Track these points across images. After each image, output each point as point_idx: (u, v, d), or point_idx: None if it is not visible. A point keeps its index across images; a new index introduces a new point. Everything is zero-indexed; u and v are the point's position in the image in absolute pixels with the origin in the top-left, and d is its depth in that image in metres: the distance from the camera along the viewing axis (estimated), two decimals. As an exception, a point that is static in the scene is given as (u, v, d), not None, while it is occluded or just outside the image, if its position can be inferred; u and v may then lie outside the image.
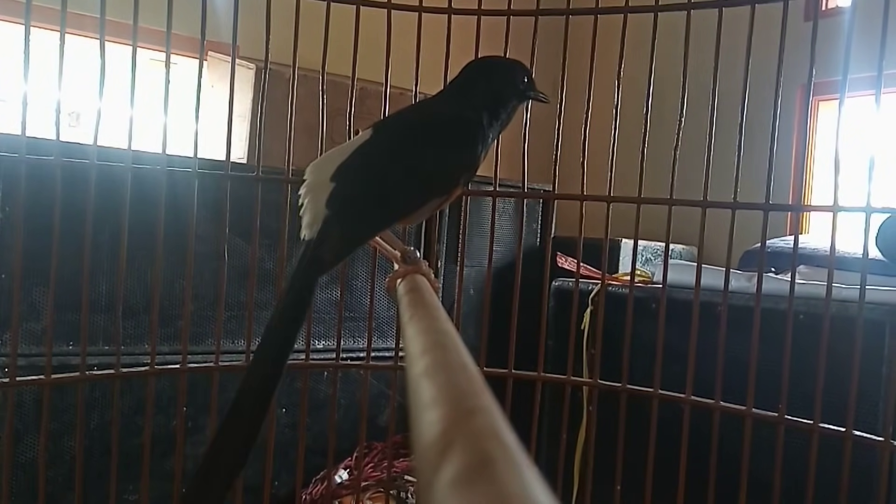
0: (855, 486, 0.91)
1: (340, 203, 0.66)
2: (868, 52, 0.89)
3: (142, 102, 1.05)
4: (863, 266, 0.90)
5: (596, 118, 1.06)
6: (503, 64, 0.82)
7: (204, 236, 1.15)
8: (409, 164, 0.71)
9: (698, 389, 1.01)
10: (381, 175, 0.69)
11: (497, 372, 1.08)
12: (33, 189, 0.94)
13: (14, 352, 0.95)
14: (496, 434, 0.25)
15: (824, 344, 0.91)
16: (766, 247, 1.02)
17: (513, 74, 0.80)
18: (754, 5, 0.98)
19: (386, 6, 1.09)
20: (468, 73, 0.80)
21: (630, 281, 1.09)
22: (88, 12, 1.00)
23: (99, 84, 0.95)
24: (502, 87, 0.78)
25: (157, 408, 1.06)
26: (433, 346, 0.38)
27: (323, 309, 1.86)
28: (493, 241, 1.11)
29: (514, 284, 1.10)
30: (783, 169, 2.73)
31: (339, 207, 0.66)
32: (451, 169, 0.72)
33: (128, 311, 1.64)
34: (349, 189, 0.68)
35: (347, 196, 0.67)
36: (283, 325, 0.61)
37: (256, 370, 0.61)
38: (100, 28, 0.93)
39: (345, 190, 0.67)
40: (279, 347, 0.61)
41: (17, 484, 1.50)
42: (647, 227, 1.11)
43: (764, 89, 0.98)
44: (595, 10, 1.09)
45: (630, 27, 1.05)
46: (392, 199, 0.69)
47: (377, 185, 0.69)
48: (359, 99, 1.17)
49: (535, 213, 2.39)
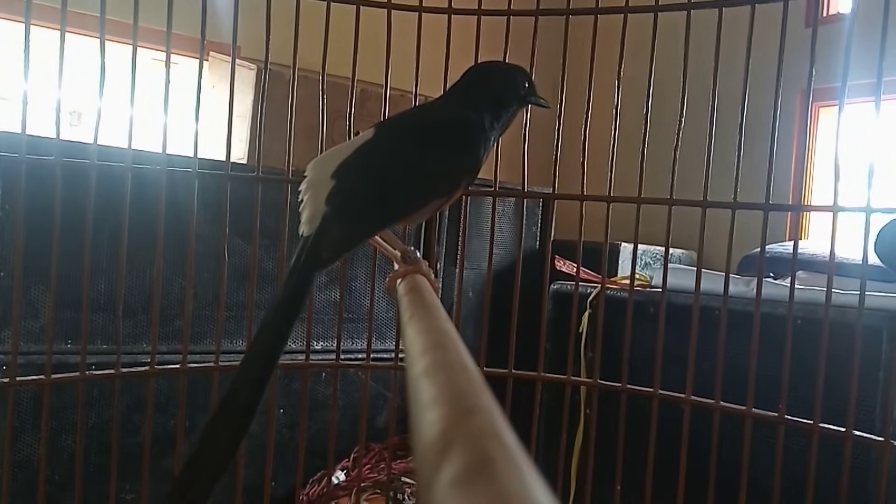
0: (854, 486, 0.91)
1: (340, 200, 0.67)
2: (868, 58, 0.89)
3: (143, 102, 1.05)
4: (862, 269, 0.90)
5: (596, 118, 1.06)
6: (504, 69, 0.83)
7: (204, 236, 1.15)
8: (410, 164, 0.71)
9: (698, 393, 1.01)
10: (381, 174, 0.70)
11: (497, 372, 1.08)
12: (33, 188, 0.94)
13: (14, 352, 0.95)
14: (496, 434, 0.25)
15: (824, 347, 0.91)
16: (766, 252, 1.02)
17: (513, 79, 0.80)
18: (754, 5, 0.98)
19: (386, 6, 1.09)
20: (469, 78, 0.80)
21: (630, 284, 1.09)
22: (89, 11, 1.00)
23: (99, 83, 0.95)
24: (503, 91, 0.78)
25: (156, 407, 1.06)
26: (433, 345, 0.38)
27: (322, 310, 1.86)
28: (493, 243, 1.11)
29: (513, 286, 1.10)
30: (783, 173, 2.73)
31: (338, 205, 0.66)
32: (453, 170, 0.73)
33: (127, 311, 1.63)
34: (349, 187, 0.68)
35: (347, 194, 0.67)
36: (277, 322, 0.61)
37: (249, 367, 0.60)
38: (100, 27, 0.93)
39: (345, 187, 0.67)
40: (272, 344, 0.60)
41: (15, 483, 1.49)
42: (647, 230, 1.11)
43: (764, 94, 0.98)
44: (595, 10, 1.09)
45: (630, 27, 1.06)
46: (392, 198, 0.69)
47: (378, 184, 0.69)
48: (359, 100, 1.17)
49: (535, 215, 2.39)
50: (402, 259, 0.73)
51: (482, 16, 1.10)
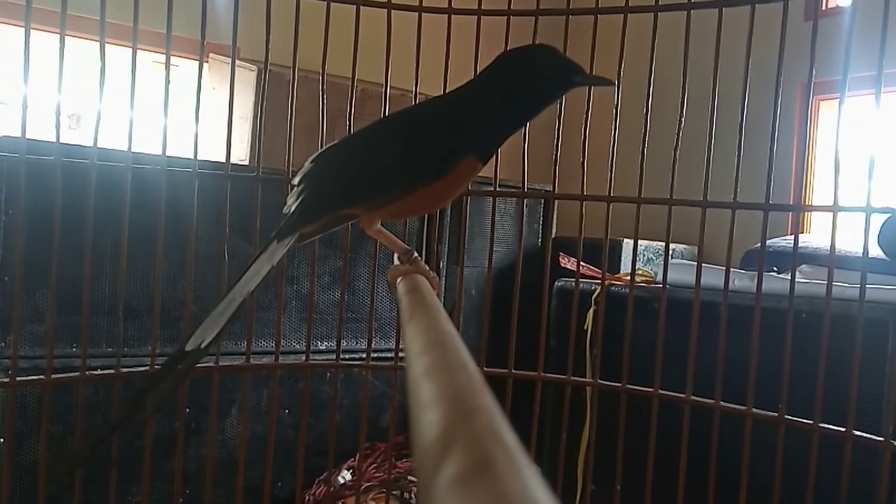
0: (855, 486, 0.90)
1: (312, 175, 0.73)
2: (868, 51, 0.89)
3: (144, 104, 1.05)
4: (863, 266, 0.90)
5: (596, 118, 1.06)
6: (519, 56, 0.74)
7: (206, 237, 1.15)
8: (385, 145, 0.72)
9: (700, 390, 1.01)
10: (354, 153, 0.74)
11: (497, 372, 1.08)
12: (36, 192, 0.94)
13: (15, 352, 0.95)
14: (496, 434, 0.25)
15: (824, 342, 0.91)
16: (769, 246, 1.03)
17: (529, 66, 0.72)
18: (754, 5, 0.98)
19: (386, 6, 1.09)
20: (489, 69, 0.74)
21: (630, 281, 1.08)
22: (89, 14, 1.00)
23: (99, 86, 0.95)
24: (516, 82, 0.71)
25: (160, 409, 1.06)
26: (433, 345, 0.38)
27: (326, 310, 1.86)
28: (493, 242, 1.11)
29: (515, 285, 1.10)
30: (784, 169, 2.72)
31: (309, 180, 0.72)
32: (436, 153, 0.69)
33: (131, 313, 1.64)
34: (322, 163, 0.74)
35: (317, 169, 0.73)
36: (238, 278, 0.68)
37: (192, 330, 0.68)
38: (100, 30, 0.93)
39: (320, 165, 0.73)
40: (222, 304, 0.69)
41: (22, 486, 1.50)
42: (649, 226, 1.10)
43: (764, 89, 0.98)
44: (595, 10, 1.09)
45: (630, 27, 1.05)
46: (363, 172, 0.72)
47: (348, 161, 0.73)
48: (360, 101, 1.17)
49: (537, 213, 2.39)
50: (400, 259, 0.74)
51: (482, 16, 1.10)
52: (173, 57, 1.01)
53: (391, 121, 0.79)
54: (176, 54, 2.47)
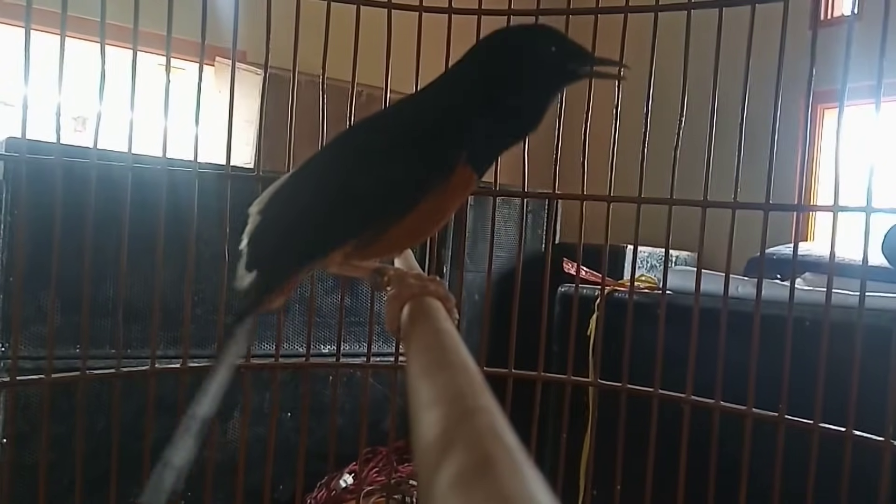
0: (856, 486, 0.90)
1: (255, 240, 0.59)
2: (872, 60, 0.89)
3: (147, 106, 1.05)
4: (863, 267, 0.90)
5: (596, 118, 1.06)
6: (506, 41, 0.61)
7: (209, 239, 1.15)
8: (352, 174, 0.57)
9: (701, 394, 1.01)
10: (315, 189, 0.58)
11: (497, 372, 1.08)
12: (38, 195, 0.94)
13: (15, 351, 0.95)
14: (496, 434, 0.25)
15: (824, 347, 0.91)
16: (774, 254, 1.02)
17: (520, 55, 0.59)
18: (754, 5, 0.97)
19: (386, 6, 1.09)
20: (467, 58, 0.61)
21: (630, 286, 1.08)
22: (90, 16, 1.00)
23: (99, 88, 0.95)
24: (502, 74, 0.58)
25: (162, 410, 1.06)
26: (433, 345, 0.38)
27: (329, 314, 1.86)
28: (493, 243, 1.11)
29: (515, 285, 1.10)
30: (786, 175, 2.71)
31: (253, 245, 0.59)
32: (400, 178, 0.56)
33: (136, 315, 1.63)
34: (273, 211, 0.59)
35: (261, 229, 0.58)
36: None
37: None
38: (100, 32, 0.93)
39: (269, 215, 0.58)
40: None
41: (25, 486, 1.50)
42: (652, 232, 1.10)
43: (768, 95, 0.98)
44: (595, 10, 1.09)
45: (630, 27, 1.05)
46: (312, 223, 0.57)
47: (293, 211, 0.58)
48: (364, 105, 1.17)
49: (540, 218, 2.38)
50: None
51: (482, 16, 1.10)
52: (180, 60, 1.02)
53: (354, 140, 0.63)
54: (182, 57, 2.47)
